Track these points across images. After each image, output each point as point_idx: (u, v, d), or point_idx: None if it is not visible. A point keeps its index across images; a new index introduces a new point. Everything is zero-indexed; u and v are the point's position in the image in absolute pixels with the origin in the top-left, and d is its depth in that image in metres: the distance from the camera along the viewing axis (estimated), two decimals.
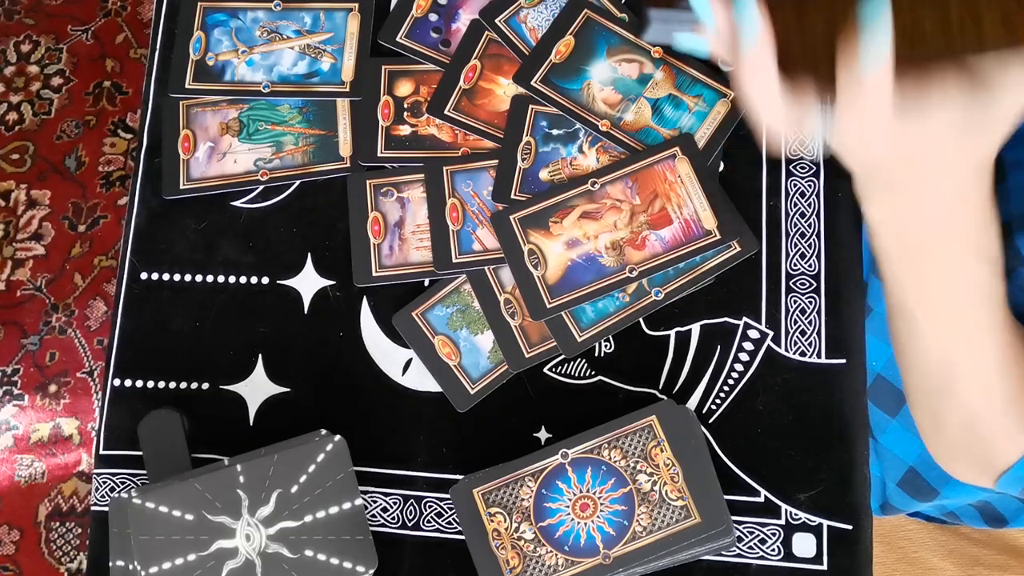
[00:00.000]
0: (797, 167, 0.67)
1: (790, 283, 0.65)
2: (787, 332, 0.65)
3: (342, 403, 0.66)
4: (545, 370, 0.66)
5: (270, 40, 0.72)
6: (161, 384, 0.67)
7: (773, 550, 0.62)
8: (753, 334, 0.65)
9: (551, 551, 0.59)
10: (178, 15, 0.73)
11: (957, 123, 0.46)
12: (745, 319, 0.65)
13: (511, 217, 0.66)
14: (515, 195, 0.67)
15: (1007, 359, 0.53)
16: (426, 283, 0.67)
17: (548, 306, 0.64)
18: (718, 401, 0.64)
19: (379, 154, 0.69)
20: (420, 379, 0.66)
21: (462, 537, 0.62)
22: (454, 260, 0.66)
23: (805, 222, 0.66)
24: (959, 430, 0.57)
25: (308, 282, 0.68)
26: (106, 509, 0.64)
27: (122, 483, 0.66)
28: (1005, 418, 0.54)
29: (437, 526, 0.64)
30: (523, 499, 0.60)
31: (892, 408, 0.73)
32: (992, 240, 0.51)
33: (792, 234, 0.66)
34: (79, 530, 1.42)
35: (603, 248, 0.65)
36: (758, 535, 0.62)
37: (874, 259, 0.56)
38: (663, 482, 0.60)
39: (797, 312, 0.65)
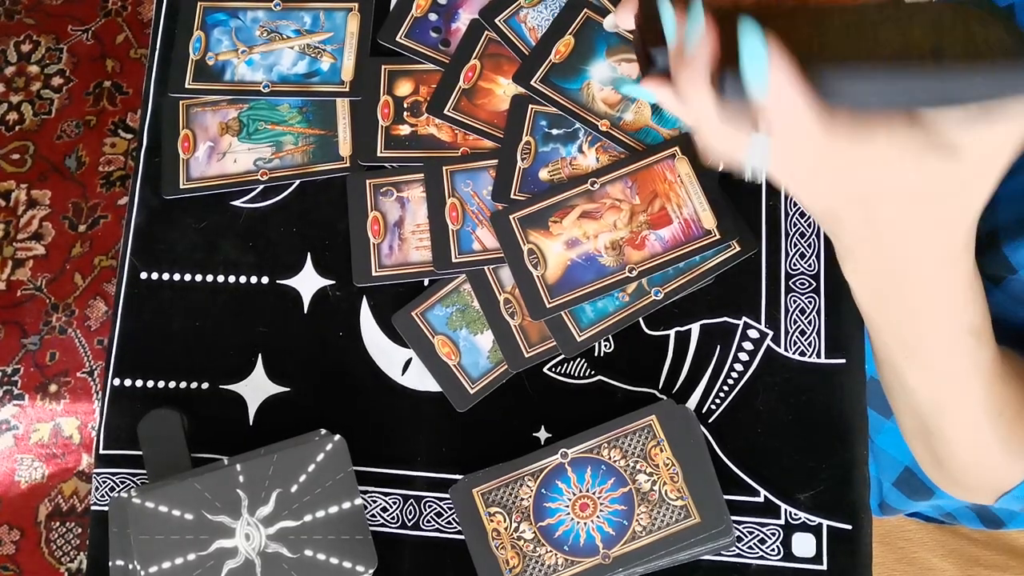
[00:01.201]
0: None
1: (790, 283, 0.65)
2: (787, 332, 0.65)
3: (342, 403, 0.66)
4: (545, 370, 0.66)
5: (270, 40, 0.72)
6: (161, 384, 0.67)
7: (773, 550, 0.62)
8: (753, 334, 0.65)
9: (551, 551, 0.59)
10: (178, 15, 0.73)
11: (908, 151, 0.41)
12: (745, 319, 0.65)
13: (511, 217, 0.66)
14: (515, 195, 0.67)
15: (996, 406, 0.52)
16: (426, 283, 0.67)
17: (548, 306, 0.64)
18: (718, 401, 0.64)
19: (379, 154, 0.69)
20: (420, 379, 0.66)
21: (462, 537, 0.62)
22: (454, 260, 0.66)
23: (805, 222, 0.66)
24: (957, 467, 0.56)
25: (308, 282, 0.68)
26: (106, 509, 0.64)
27: (122, 483, 0.66)
28: (1001, 455, 0.54)
29: (437, 526, 0.64)
30: (523, 499, 0.60)
31: (887, 409, 0.73)
32: (976, 314, 0.48)
33: (791, 234, 0.66)
34: (79, 530, 1.42)
35: (603, 248, 0.65)
36: (758, 535, 0.62)
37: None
38: (663, 482, 0.60)
39: (797, 312, 0.65)
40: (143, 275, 0.69)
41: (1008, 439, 0.53)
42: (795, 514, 0.62)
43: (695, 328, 0.65)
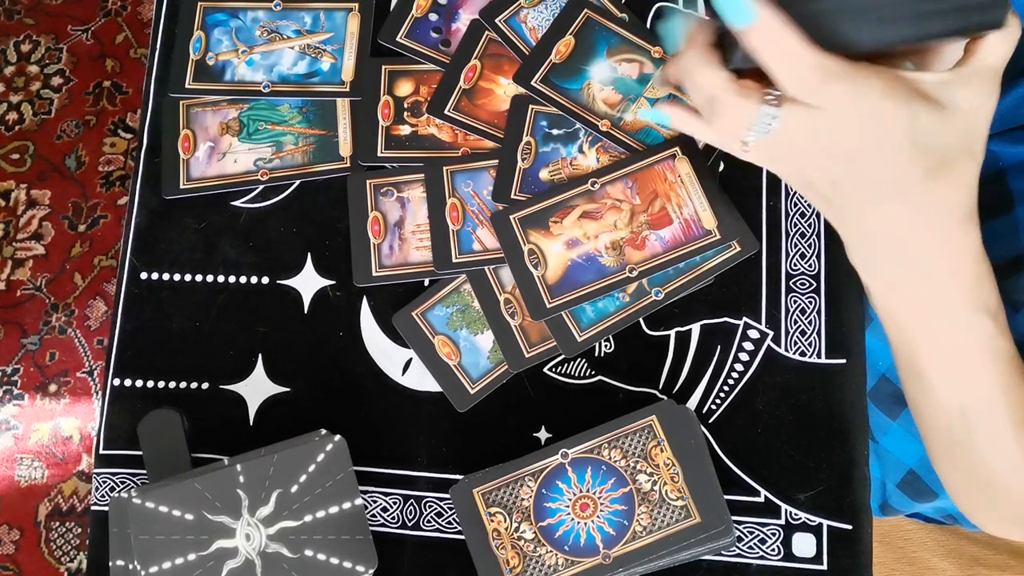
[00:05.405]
0: None
1: (790, 283, 0.65)
2: (787, 332, 0.65)
3: (342, 403, 0.66)
4: (545, 370, 0.66)
5: (270, 40, 0.72)
6: (161, 384, 0.67)
7: (773, 550, 0.62)
8: (753, 334, 0.65)
9: (551, 551, 0.59)
10: (178, 15, 0.73)
11: (901, 100, 0.43)
12: (745, 319, 0.65)
13: (511, 217, 0.66)
14: (515, 195, 0.67)
15: (1019, 412, 0.52)
16: (426, 283, 0.67)
17: (548, 306, 0.64)
18: (718, 401, 0.64)
19: (379, 154, 0.69)
20: (420, 379, 0.66)
21: (462, 537, 0.62)
22: (454, 260, 0.66)
23: (805, 222, 0.66)
24: (984, 485, 0.56)
25: (308, 282, 0.68)
26: (106, 509, 0.64)
27: (122, 483, 0.66)
28: None
29: (437, 526, 0.64)
30: (523, 499, 0.60)
31: (893, 410, 0.73)
32: (989, 292, 0.49)
33: (792, 234, 0.66)
34: (79, 530, 1.42)
35: (603, 248, 0.65)
36: (758, 535, 0.62)
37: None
38: (663, 482, 0.60)
39: (797, 312, 0.65)
40: (143, 275, 0.69)
41: None
42: (795, 514, 0.62)
43: (695, 328, 0.65)
